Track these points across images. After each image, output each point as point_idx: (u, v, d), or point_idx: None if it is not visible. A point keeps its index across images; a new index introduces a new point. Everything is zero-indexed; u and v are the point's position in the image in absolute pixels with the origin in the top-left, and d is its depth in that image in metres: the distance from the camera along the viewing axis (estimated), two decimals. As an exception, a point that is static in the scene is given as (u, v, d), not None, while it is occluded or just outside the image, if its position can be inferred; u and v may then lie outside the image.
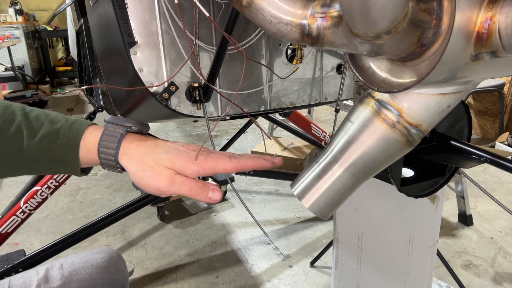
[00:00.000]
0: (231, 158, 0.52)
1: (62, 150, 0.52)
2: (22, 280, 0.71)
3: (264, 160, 0.53)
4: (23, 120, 0.51)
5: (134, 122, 0.54)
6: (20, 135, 0.51)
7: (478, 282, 1.57)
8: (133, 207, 1.61)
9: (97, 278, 0.76)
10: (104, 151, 0.51)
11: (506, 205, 1.45)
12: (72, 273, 0.75)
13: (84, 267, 0.76)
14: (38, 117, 0.53)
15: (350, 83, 1.19)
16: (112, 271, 0.79)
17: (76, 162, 0.53)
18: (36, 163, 0.53)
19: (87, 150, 0.52)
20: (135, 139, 0.53)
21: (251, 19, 0.48)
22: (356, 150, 0.45)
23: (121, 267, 0.82)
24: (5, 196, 2.50)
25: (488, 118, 3.27)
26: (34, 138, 0.51)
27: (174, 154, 0.51)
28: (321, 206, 0.48)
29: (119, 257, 0.83)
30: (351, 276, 0.93)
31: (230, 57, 0.98)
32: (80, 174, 0.55)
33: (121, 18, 0.85)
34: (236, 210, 2.20)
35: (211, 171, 0.51)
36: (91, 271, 0.76)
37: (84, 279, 0.74)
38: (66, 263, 0.76)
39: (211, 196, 0.50)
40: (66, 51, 6.62)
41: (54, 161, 0.53)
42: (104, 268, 0.78)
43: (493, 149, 0.65)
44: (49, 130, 0.52)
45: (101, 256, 0.79)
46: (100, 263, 0.78)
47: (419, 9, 0.35)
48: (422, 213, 0.85)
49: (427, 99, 0.41)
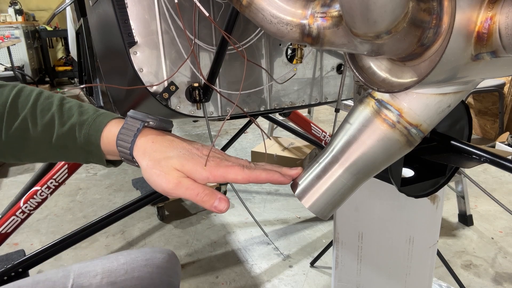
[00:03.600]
0: (244, 168, 0.50)
1: (85, 140, 0.54)
2: (87, 270, 0.73)
3: (280, 176, 0.50)
4: (57, 110, 0.56)
5: (154, 117, 0.54)
6: (52, 123, 0.55)
7: (478, 282, 1.57)
8: (133, 207, 1.61)
9: (156, 278, 0.76)
10: (121, 144, 0.52)
11: (506, 205, 1.45)
12: (135, 269, 0.75)
13: (146, 265, 0.76)
14: (70, 108, 0.56)
15: (350, 83, 1.19)
16: (171, 273, 0.79)
17: (99, 152, 0.55)
18: (66, 151, 0.56)
19: (107, 142, 0.54)
20: (151, 135, 0.52)
21: (251, 19, 0.48)
22: (356, 150, 0.45)
23: (178, 271, 0.82)
24: (5, 196, 2.50)
25: (488, 118, 3.27)
26: (63, 127, 0.55)
27: (185, 157, 0.50)
28: (321, 206, 0.48)
29: (177, 260, 0.83)
30: (351, 276, 0.93)
31: (230, 57, 0.98)
32: (108, 165, 0.57)
33: (121, 18, 0.85)
34: (236, 210, 2.20)
35: (221, 179, 0.49)
36: (151, 271, 0.76)
37: (144, 277, 0.75)
38: (129, 258, 0.77)
39: (217, 205, 0.48)
40: (66, 51, 6.61)
41: (81, 150, 0.55)
42: (164, 270, 0.78)
43: (493, 149, 0.65)
44: (76, 121, 0.55)
45: (162, 256, 0.79)
46: (160, 264, 0.78)
47: (419, 9, 0.35)
48: (422, 213, 0.85)
49: (427, 99, 0.41)
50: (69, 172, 1.48)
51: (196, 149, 0.52)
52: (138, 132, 0.52)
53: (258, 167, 0.51)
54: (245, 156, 2.98)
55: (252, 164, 0.51)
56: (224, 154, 0.54)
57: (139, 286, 0.74)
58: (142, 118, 0.53)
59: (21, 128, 0.56)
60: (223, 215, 2.15)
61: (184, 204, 2.28)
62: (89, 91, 1.94)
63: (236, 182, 0.50)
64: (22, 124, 0.56)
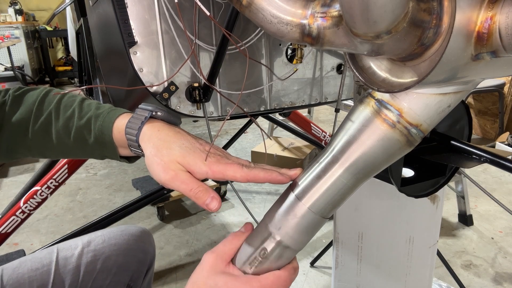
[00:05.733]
0: (243, 166, 0.50)
1: (99, 132, 0.57)
2: (69, 244, 0.81)
3: (279, 174, 0.50)
4: (77, 105, 0.60)
5: (163, 109, 0.56)
6: (72, 117, 0.59)
7: (478, 282, 1.57)
8: (133, 207, 1.61)
9: (132, 244, 0.84)
10: (129, 132, 0.54)
11: (506, 205, 1.45)
12: (112, 238, 0.83)
13: (122, 235, 0.84)
14: (89, 105, 0.61)
15: (350, 83, 1.19)
16: (145, 241, 0.87)
17: (112, 144, 0.57)
18: (84, 144, 0.59)
19: (118, 131, 0.56)
20: (158, 124, 0.54)
21: (251, 19, 0.48)
22: (356, 150, 0.45)
23: (151, 241, 0.90)
24: (5, 196, 2.50)
25: (488, 118, 3.27)
26: (81, 120, 0.59)
27: (188, 149, 0.51)
28: (321, 206, 0.48)
29: (149, 233, 0.91)
30: (351, 276, 0.93)
31: (230, 57, 0.98)
32: (121, 159, 0.60)
33: (121, 18, 0.85)
34: (236, 210, 2.20)
35: (220, 175, 0.50)
36: (127, 238, 0.84)
37: (121, 244, 0.83)
38: (106, 231, 0.85)
39: (208, 203, 0.48)
40: (66, 51, 6.61)
41: (96, 143, 0.58)
42: (138, 237, 0.86)
43: (493, 149, 0.65)
44: (92, 114, 0.59)
45: (135, 228, 0.88)
46: (135, 233, 0.86)
47: (419, 9, 0.35)
48: (422, 213, 0.85)
49: (428, 99, 0.41)
50: (69, 172, 1.48)
51: (199, 144, 0.53)
52: (145, 120, 0.54)
53: (257, 166, 0.51)
54: (245, 156, 2.98)
55: (252, 164, 0.52)
56: (225, 153, 0.55)
57: (116, 251, 0.82)
58: (151, 108, 0.55)
59: (46, 122, 0.60)
60: (223, 215, 2.15)
61: (184, 204, 2.28)
62: (89, 91, 1.94)
63: (234, 180, 0.50)
64: (47, 119, 0.60)
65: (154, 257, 0.89)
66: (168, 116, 0.57)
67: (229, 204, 2.27)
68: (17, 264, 0.75)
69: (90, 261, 0.79)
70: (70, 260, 0.78)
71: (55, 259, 0.77)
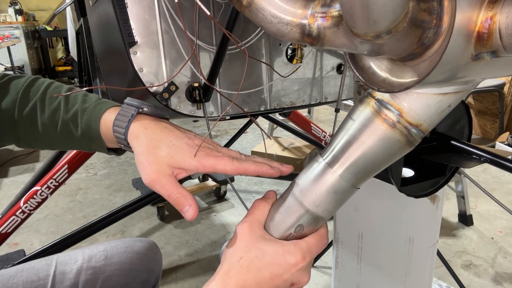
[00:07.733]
0: (234, 159, 0.50)
1: (86, 126, 0.56)
2: (69, 258, 0.76)
3: (270, 167, 0.51)
4: (63, 98, 0.59)
5: (149, 104, 0.55)
6: (58, 109, 0.58)
7: (478, 282, 1.57)
8: (133, 207, 1.61)
9: (136, 264, 0.79)
10: (117, 130, 0.53)
11: (506, 205, 1.45)
12: (114, 255, 0.78)
13: (126, 252, 0.79)
14: (76, 96, 0.59)
15: (350, 83, 1.19)
16: (151, 260, 0.82)
17: (100, 139, 0.56)
18: (71, 137, 0.58)
19: (105, 129, 0.55)
20: (145, 121, 0.53)
21: (251, 19, 0.48)
22: (356, 150, 0.45)
23: (158, 258, 0.85)
24: (5, 196, 2.50)
25: (488, 118, 3.27)
26: (67, 113, 0.57)
27: (175, 148, 0.50)
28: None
29: (157, 248, 0.86)
30: (351, 276, 0.93)
31: (230, 57, 0.98)
32: (109, 153, 0.59)
33: (121, 18, 0.85)
34: (236, 210, 2.20)
35: (210, 169, 0.50)
36: (131, 256, 0.79)
37: (124, 263, 0.78)
38: (109, 246, 0.80)
39: (184, 212, 0.48)
40: (66, 51, 6.61)
41: (83, 137, 0.57)
42: (143, 256, 0.80)
43: (493, 149, 0.65)
44: (79, 108, 0.57)
45: (142, 244, 0.82)
46: (140, 250, 0.81)
47: (419, 9, 0.35)
48: (422, 213, 0.85)
49: (428, 99, 0.41)
50: (69, 172, 1.48)
51: (188, 138, 0.52)
52: (132, 118, 0.53)
53: (248, 159, 0.51)
54: (245, 156, 2.97)
55: (243, 156, 0.52)
56: (216, 145, 0.54)
57: (118, 271, 0.76)
58: (137, 104, 0.54)
59: (31, 113, 0.58)
60: (223, 215, 2.15)
61: (184, 204, 2.28)
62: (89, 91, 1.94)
63: (225, 173, 0.50)
64: (32, 110, 0.58)
65: (159, 275, 0.84)
66: (155, 111, 0.55)
67: (229, 204, 2.27)
68: (14, 272, 0.72)
69: (89, 279, 0.74)
70: (68, 276, 0.73)
71: (53, 273, 0.73)
